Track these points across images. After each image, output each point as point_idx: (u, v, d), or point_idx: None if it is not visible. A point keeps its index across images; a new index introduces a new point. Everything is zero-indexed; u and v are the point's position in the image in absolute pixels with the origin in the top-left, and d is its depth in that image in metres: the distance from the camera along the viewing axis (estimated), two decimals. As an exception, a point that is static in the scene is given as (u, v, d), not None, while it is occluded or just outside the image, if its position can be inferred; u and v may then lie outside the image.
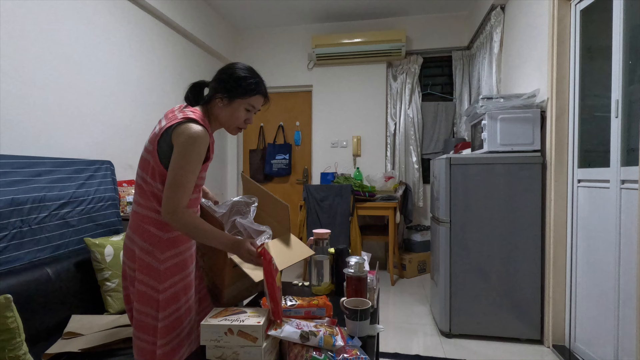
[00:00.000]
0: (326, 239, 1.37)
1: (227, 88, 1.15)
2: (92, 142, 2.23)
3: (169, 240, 1.12)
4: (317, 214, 3.24)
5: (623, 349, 1.62)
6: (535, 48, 2.29)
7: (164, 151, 1.08)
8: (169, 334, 1.11)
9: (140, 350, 1.12)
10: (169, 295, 1.11)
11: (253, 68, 1.21)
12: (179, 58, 3.21)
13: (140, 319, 1.11)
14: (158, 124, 1.16)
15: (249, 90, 1.16)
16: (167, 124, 1.09)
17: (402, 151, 3.88)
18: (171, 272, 1.12)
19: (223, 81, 1.16)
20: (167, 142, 1.08)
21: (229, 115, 1.18)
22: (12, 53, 1.74)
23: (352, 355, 0.86)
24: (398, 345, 2.14)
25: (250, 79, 1.16)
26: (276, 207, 1.41)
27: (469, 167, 2.19)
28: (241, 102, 1.17)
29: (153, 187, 1.11)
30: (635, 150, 1.56)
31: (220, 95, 1.15)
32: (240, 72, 1.16)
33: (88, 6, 2.20)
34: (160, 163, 1.09)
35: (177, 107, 1.18)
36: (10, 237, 1.52)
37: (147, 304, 1.10)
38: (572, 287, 2.01)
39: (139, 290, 1.11)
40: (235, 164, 4.31)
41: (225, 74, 1.17)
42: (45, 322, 1.45)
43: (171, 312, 1.11)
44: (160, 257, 1.10)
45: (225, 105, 1.16)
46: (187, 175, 1.05)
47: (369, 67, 3.95)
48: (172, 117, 1.12)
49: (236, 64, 1.19)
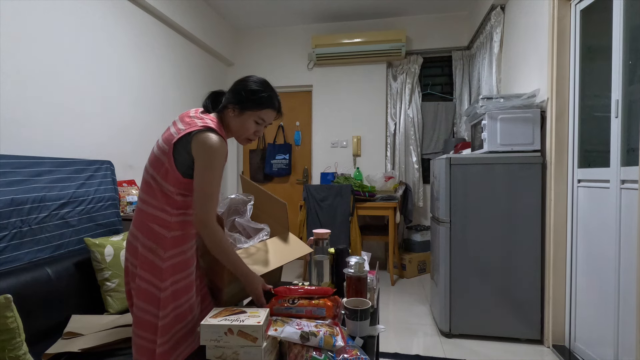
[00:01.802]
0: (326, 239, 1.37)
1: (239, 99, 1.19)
2: (92, 142, 2.23)
3: (173, 239, 1.13)
4: (317, 214, 3.24)
5: (623, 349, 1.62)
6: (535, 48, 2.29)
7: (182, 155, 1.10)
8: (168, 333, 1.11)
9: (140, 348, 1.12)
10: (170, 294, 1.11)
11: (267, 81, 1.24)
12: (179, 58, 3.21)
13: (140, 316, 1.11)
14: (174, 126, 1.17)
15: (260, 104, 1.20)
16: (187, 129, 1.10)
17: (402, 151, 3.88)
18: (173, 270, 1.12)
19: (236, 92, 1.20)
20: (186, 148, 1.10)
21: (239, 126, 1.21)
22: (13, 53, 1.74)
23: (352, 356, 0.86)
24: (398, 345, 2.14)
25: (262, 92, 1.20)
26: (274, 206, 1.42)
27: (469, 167, 2.19)
28: (251, 114, 1.20)
29: (163, 187, 1.12)
30: (635, 150, 1.56)
31: (232, 106, 1.19)
32: (253, 85, 1.20)
33: (88, 6, 2.20)
34: (175, 167, 1.10)
35: (194, 111, 1.21)
36: (10, 237, 1.52)
37: (148, 301, 1.11)
38: (572, 287, 2.01)
39: (139, 286, 1.11)
40: (235, 164, 4.31)
41: (239, 85, 1.21)
42: (45, 322, 1.45)
43: (171, 310, 1.12)
44: (164, 255, 1.11)
45: (236, 116, 1.20)
46: (214, 187, 1.10)
47: (369, 67, 3.95)
48: (190, 122, 1.13)
49: (251, 76, 1.23)
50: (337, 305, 1.08)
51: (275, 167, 4.14)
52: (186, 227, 1.17)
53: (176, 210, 1.14)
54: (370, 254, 1.47)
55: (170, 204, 1.12)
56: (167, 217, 1.12)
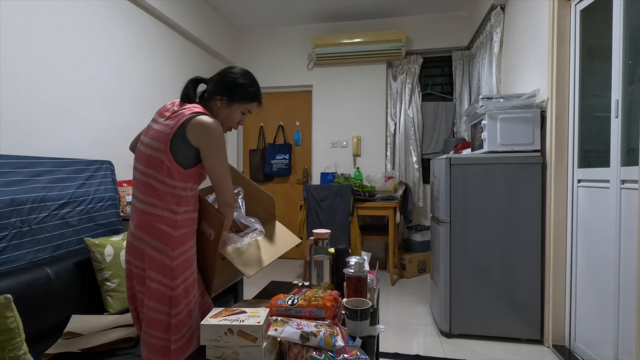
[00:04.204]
0: (326, 239, 1.37)
1: (228, 92, 1.23)
2: (92, 142, 2.23)
3: (180, 238, 1.14)
4: (317, 214, 3.24)
5: (623, 349, 1.62)
6: (535, 48, 2.29)
7: (179, 147, 1.12)
8: (182, 329, 1.14)
9: (152, 347, 1.13)
10: (181, 291, 1.13)
11: (251, 73, 1.29)
12: (179, 58, 3.21)
13: (152, 316, 1.12)
14: (156, 123, 1.17)
15: (248, 98, 1.26)
16: (180, 121, 1.12)
17: (402, 151, 3.88)
18: (182, 268, 1.14)
19: (224, 84, 1.23)
20: (183, 138, 1.11)
21: (226, 117, 1.25)
22: (13, 53, 1.74)
23: (352, 356, 0.86)
24: (398, 345, 2.14)
25: (251, 86, 1.26)
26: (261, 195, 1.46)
27: (469, 167, 2.19)
28: (239, 107, 1.25)
29: (169, 185, 1.12)
30: (635, 150, 1.56)
31: (220, 98, 1.23)
32: (242, 79, 1.25)
33: (88, 6, 2.20)
34: (174, 161, 1.11)
35: (170, 104, 1.22)
36: (10, 237, 1.52)
37: (160, 301, 1.12)
38: (572, 287, 2.01)
39: (150, 287, 1.12)
40: (235, 164, 4.31)
41: (227, 77, 1.24)
42: (45, 322, 1.45)
43: (184, 307, 1.14)
44: (172, 254, 1.12)
45: (224, 107, 1.24)
46: (226, 166, 1.18)
47: (369, 67, 3.95)
48: (177, 113, 1.15)
49: (235, 68, 1.27)
50: (336, 305, 1.08)
51: (275, 167, 4.13)
52: (192, 224, 1.18)
53: (183, 208, 1.15)
54: (370, 254, 1.47)
55: (177, 203, 1.13)
56: (173, 217, 1.13)
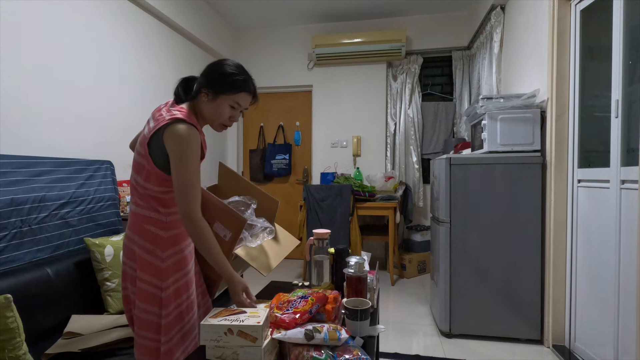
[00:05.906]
0: (326, 239, 1.37)
1: (213, 83, 1.13)
2: (92, 142, 2.23)
3: (170, 238, 1.13)
4: (317, 214, 3.24)
5: (623, 349, 1.61)
6: (535, 48, 2.29)
7: (156, 153, 1.09)
8: (171, 331, 1.12)
9: (143, 348, 1.12)
10: (171, 293, 1.12)
11: (242, 65, 1.19)
12: (179, 58, 3.21)
13: (142, 317, 1.12)
14: (147, 125, 1.15)
15: (235, 87, 1.14)
16: (156, 126, 1.08)
17: (402, 151, 3.88)
18: (173, 270, 1.13)
19: (209, 75, 1.14)
20: (159, 144, 1.08)
21: (213, 111, 1.15)
22: (12, 53, 1.74)
23: (354, 356, 0.86)
24: (398, 345, 2.14)
25: (237, 75, 1.14)
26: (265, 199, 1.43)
27: (469, 167, 2.19)
28: (225, 99, 1.14)
29: (148, 189, 1.11)
30: (635, 150, 1.56)
31: (206, 90, 1.14)
32: (227, 68, 1.15)
33: (88, 6, 2.19)
34: (154, 165, 1.09)
35: (164, 105, 1.17)
36: (10, 237, 1.52)
37: (150, 302, 1.11)
38: (572, 287, 2.01)
39: (141, 288, 1.11)
40: (235, 164, 4.31)
41: (212, 69, 1.16)
42: (45, 322, 1.45)
43: (174, 309, 1.12)
44: (162, 255, 1.11)
45: (210, 101, 1.14)
46: (190, 176, 1.06)
47: (369, 67, 3.95)
48: (159, 118, 1.10)
49: (225, 60, 1.18)
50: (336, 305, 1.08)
51: (275, 167, 4.13)
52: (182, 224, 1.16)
53: (168, 210, 1.13)
54: (370, 254, 1.47)
55: (161, 204, 1.12)
56: (161, 218, 1.12)
